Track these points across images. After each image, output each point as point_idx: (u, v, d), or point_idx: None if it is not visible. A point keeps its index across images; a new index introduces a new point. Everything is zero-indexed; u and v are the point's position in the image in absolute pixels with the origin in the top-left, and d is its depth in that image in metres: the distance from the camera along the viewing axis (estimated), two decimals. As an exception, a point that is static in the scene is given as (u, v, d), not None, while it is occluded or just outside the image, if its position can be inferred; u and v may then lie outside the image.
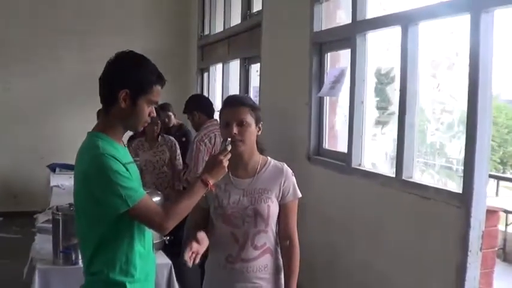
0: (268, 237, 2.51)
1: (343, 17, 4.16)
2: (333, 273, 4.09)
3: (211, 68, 7.89)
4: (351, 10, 3.83)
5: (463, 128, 2.78)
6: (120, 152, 2.18)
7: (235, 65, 6.77)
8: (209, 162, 2.35)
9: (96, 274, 2.19)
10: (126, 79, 2.15)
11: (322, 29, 4.39)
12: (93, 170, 2.10)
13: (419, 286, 3.10)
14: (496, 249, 3.14)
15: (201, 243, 2.33)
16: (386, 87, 3.94)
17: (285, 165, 2.58)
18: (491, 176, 8.98)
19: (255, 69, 6.16)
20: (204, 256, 2.61)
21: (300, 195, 2.56)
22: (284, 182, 2.51)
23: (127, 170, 2.13)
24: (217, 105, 5.72)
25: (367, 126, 3.82)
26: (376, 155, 3.83)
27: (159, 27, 8.74)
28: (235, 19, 6.72)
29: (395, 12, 3.37)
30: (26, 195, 7.85)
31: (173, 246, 3.83)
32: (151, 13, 8.70)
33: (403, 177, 3.25)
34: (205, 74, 8.17)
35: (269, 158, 2.59)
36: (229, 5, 7.01)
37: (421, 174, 3.77)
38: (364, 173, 3.71)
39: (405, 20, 3.21)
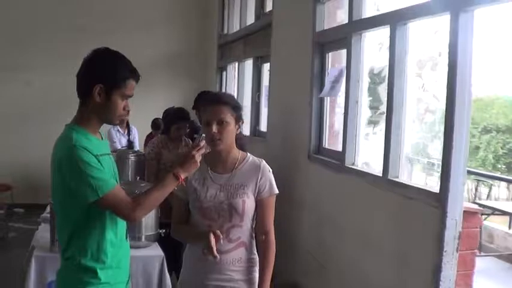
0: (243, 231, 2.57)
1: (342, 16, 4.19)
2: (326, 271, 4.11)
3: (229, 67, 7.96)
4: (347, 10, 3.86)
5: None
6: (93, 143, 2.27)
7: (250, 64, 6.83)
8: (181, 157, 2.43)
9: (69, 259, 2.30)
10: (100, 74, 2.25)
11: (324, 28, 4.42)
12: (65, 161, 2.20)
13: (398, 285, 3.11)
14: (476, 250, 3.11)
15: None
16: (378, 86, 3.94)
17: (263, 161, 2.64)
18: (505, 180, 8.73)
19: (267, 68, 6.20)
20: None
21: (276, 191, 2.60)
22: (260, 178, 2.57)
23: (99, 161, 2.22)
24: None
25: (361, 125, 3.83)
26: (368, 154, 3.85)
27: (181, 27, 8.86)
28: (250, 18, 6.79)
29: (384, 12, 3.38)
30: (46, 188, 8.03)
31: (169, 239, 3.91)
32: (173, 13, 8.83)
33: (389, 177, 3.26)
34: (224, 73, 8.26)
35: (248, 154, 2.65)
36: (245, 4, 7.08)
37: (408, 174, 3.77)
38: (356, 172, 3.72)
39: (393, 20, 3.22)
